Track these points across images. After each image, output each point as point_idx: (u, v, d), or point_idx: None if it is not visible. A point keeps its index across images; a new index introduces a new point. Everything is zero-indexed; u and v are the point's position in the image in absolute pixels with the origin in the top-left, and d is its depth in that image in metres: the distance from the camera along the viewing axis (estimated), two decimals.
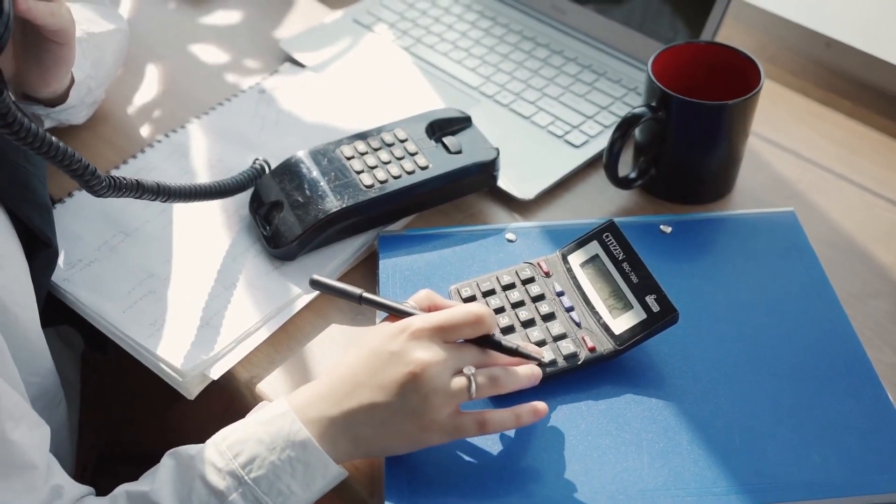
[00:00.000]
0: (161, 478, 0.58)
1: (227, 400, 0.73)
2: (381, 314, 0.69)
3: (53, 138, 0.58)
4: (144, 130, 0.88)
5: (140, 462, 0.64)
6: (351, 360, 0.59)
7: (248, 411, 0.67)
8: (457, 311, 0.59)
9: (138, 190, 0.66)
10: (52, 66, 0.70)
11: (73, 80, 0.77)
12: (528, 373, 0.61)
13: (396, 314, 0.62)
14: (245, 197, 0.78)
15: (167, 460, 0.59)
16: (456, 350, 0.59)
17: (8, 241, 0.65)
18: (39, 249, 0.68)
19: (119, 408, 1.00)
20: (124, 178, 0.65)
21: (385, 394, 0.57)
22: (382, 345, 0.58)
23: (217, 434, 0.59)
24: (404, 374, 0.57)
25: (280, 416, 0.58)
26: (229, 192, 0.75)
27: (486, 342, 0.60)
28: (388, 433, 0.58)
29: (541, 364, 0.62)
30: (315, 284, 0.64)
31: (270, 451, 0.57)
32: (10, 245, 0.65)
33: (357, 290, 0.63)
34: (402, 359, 0.57)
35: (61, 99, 0.77)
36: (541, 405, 0.60)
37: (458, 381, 0.58)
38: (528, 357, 0.61)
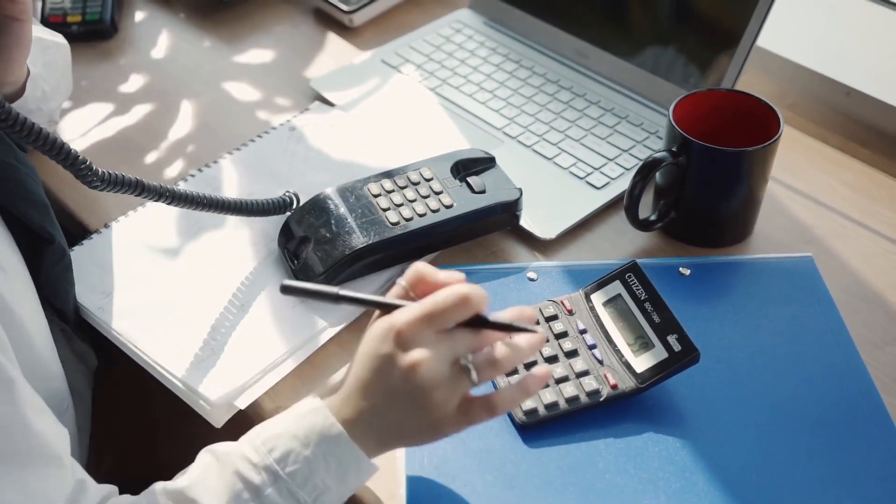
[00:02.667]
0: (197, 474, 0.58)
1: (247, 428, 0.74)
2: None
3: (45, 129, 0.59)
4: (179, 164, 0.91)
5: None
6: (355, 365, 0.59)
7: None
8: (441, 297, 0.56)
9: (137, 188, 0.66)
10: (13, 47, 0.69)
11: (28, 72, 0.77)
12: (529, 342, 0.57)
13: (380, 308, 0.59)
14: (274, 232, 0.80)
15: (203, 457, 0.60)
16: (447, 338, 0.56)
17: (6, 243, 0.64)
18: (44, 247, 0.68)
19: (137, 432, 1.01)
20: (122, 175, 0.65)
21: (391, 397, 0.57)
22: (375, 349, 0.57)
23: (251, 431, 0.60)
24: (401, 378, 0.56)
25: (313, 412, 0.59)
26: (246, 212, 0.76)
27: (478, 323, 0.57)
28: (406, 431, 0.59)
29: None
30: (287, 290, 0.59)
31: (304, 445, 0.57)
32: (8, 247, 0.64)
33: (333, 289, 0.59)
34: (394, 362, 0.56)
35: (19, 93, 0.77)
36: (541, 368, 0.58)
37: (457, 372, 0.56)
38: (523, 330, 0.57)
